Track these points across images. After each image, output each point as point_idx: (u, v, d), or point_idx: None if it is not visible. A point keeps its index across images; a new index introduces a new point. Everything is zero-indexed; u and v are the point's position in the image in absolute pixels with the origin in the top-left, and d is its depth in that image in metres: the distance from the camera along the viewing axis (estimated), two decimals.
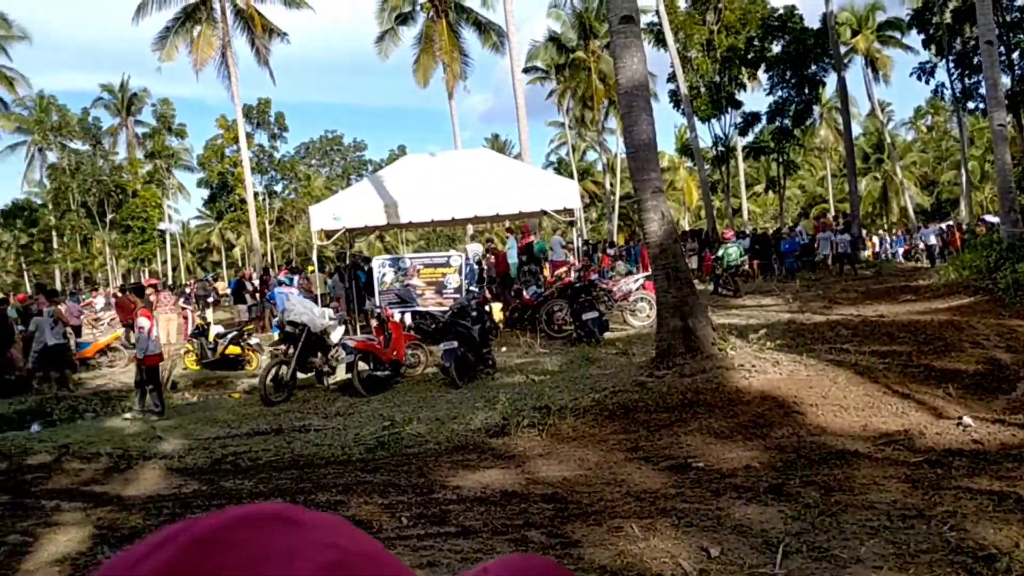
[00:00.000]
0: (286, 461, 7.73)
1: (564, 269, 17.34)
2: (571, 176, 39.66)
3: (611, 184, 55.70)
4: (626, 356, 12.08)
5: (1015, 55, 29.17)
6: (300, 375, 12.51)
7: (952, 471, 5.39)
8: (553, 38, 47.87)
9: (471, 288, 16.80)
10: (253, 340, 17.05)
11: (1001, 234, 18.19)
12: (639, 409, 7.74)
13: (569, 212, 18.11)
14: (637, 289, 16.45)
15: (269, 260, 57.69)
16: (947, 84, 32.86)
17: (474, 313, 12.71)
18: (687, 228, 52.17)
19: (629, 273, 19.90)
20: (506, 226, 23.79)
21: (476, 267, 18.89)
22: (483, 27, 35.30)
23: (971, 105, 31.32)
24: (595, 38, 46.45)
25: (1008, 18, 28.92)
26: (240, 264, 64.41)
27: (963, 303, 14.88)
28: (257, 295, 24.06)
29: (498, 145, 69.88)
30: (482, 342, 12.30)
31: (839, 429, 6.58)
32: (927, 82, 34.20)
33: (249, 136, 54.57)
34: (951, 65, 31.37)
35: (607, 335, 14.43)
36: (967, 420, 6.44)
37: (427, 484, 6.25)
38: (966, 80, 30.66)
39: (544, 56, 48.46)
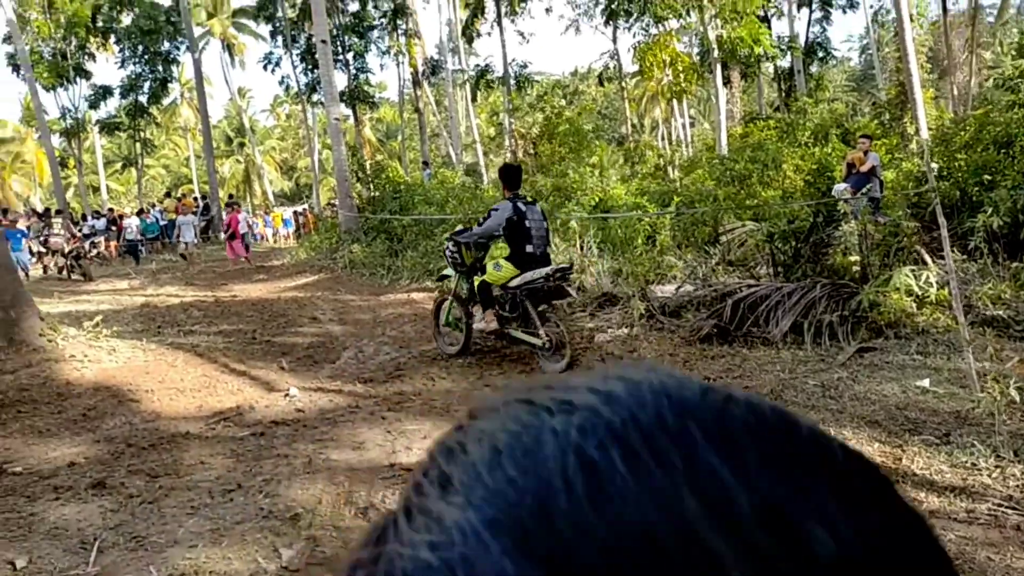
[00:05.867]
0: None
1: None
2: None
3: None
4: None
5: (350, 56, 32.34)
6: None
7: (274, 440, 5.80)
8: None
9: None
10: None
11: (340, 219, 20.22)
12: None
13: None
14: None
15: None
16: (292, 76, 34.82)
17: None
18: (39, 207, 46.96)
19: None
20: None
21: None
22: None
23: (316, 97, 33.82)
24: None
25: (343, 20, 31.97)
26: None
27: (309, 281, 16.18)
28: None
29: None
30: None
31: (174, 413, 6.58)
32: (273, 72, 36.06)
33: None
34: (296, 59, 33.35)
35: None
36: (293, 391, 7.00)
37: None
38: (310, 74, 32.86)
39: None
